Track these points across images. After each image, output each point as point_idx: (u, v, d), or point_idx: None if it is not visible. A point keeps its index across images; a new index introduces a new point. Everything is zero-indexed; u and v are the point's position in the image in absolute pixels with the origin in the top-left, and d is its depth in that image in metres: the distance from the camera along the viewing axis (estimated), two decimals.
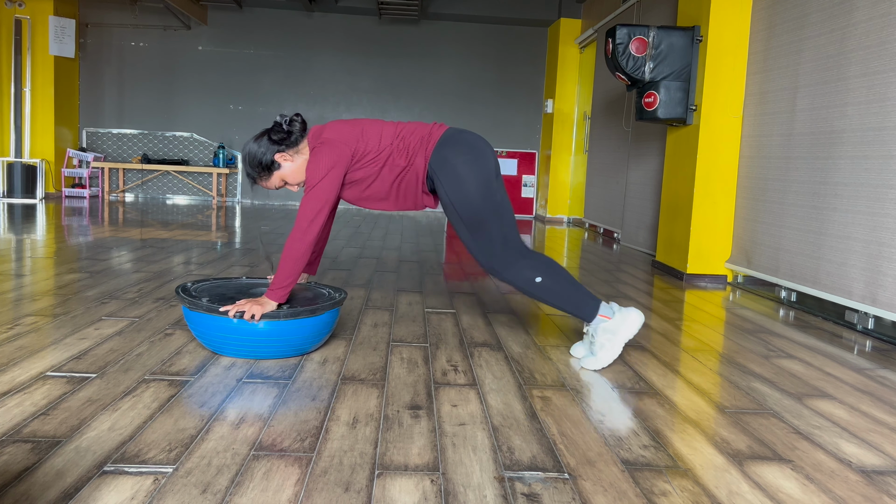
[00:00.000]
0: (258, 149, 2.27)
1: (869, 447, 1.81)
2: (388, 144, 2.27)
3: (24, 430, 1.64)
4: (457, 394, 2.06)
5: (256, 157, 2.27)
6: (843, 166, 3.41)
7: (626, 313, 2.35)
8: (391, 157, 2.27)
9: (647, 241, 5.91)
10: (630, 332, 2.34)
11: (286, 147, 2.28)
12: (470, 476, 1.52)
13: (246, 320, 2.18)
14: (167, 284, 3.48)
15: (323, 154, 2.21)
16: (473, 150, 2.26)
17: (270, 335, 2.22)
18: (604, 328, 2.33)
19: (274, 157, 2.26)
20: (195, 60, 9.22)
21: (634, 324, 2.34)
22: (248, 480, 1.45)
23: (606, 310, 2.35)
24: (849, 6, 3.43)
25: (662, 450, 1.72)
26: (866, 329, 3.23)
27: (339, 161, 2.21)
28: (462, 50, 9.47)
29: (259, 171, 2.29)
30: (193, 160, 9.37)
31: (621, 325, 2.33)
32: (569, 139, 8.84)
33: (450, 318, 3.05)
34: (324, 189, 2.19)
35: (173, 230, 5.86)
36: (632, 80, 4.48)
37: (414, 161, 2.27)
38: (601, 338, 2.33)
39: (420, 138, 2.29)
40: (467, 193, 2.23)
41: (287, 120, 2.28)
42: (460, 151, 2.25)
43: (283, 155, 2.28)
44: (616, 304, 2.39)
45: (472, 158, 2.25)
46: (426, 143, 2.27)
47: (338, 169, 2.20)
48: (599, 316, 2.33)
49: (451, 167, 2.23)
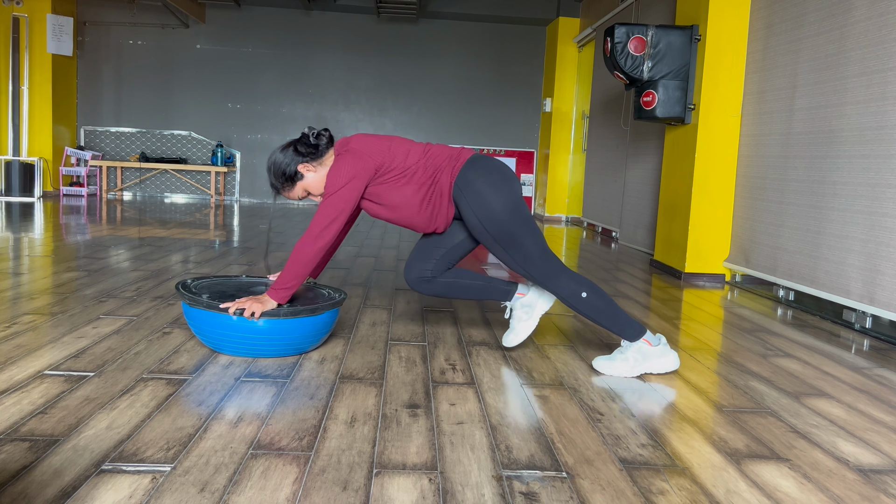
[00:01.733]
0: (283, 159, 2.27)
1: (866, 446, 1.81)
2: (414, 162, 2.26)
3: (22, 429, 1.64)
4: (455, 393, 2.06)
5: (280, 167, 2.27)
6: (842, 165, 3.41)
7: (667, 350, 2.35)
8: (416, 175, 2.25)
9: (645, 240, 5.91)
10: (660, 368, 2.33)
11: (311, 159, 2.28)
12: (468, 475, 1.52)
13: (246, 318, 2.18)
14: (165, 283, 3.47)
15: (346, 163, 2.21)
16: (500, 172, 2.27)
17: (270, 333, 2.22)
18: (639, 348, 2.32)
19: (297, 168, 2.26)
20: (193, 59, 9.21)
21: (668, 364, 2.34)
22: (246, 479, 1.45)
23: (652, 338, 2.35)
24: (847, 5, 3.43)
25: (660, 449, 1.72)
26: (864, 328, 3.23)
27: (362, 172, 2.20)
28: (460, 48, 9.47)
29: (283, 181, 2.29)
30: (191, 159, 9.36)
31: (657, 357, 2.32)
32: (567, 138, 8.84)
33: (448, 317, 3.05)
34: (342, 198, 2.18)
35: (171, 229, 5.86)
36: (630, 79, 4.49)
37: (439, 179, 2.26)
38: (630, 353, 2.32)
39: (447, 158, 2.29)
40: (493, 209, 2.22)
41: (315, 133, 2.28)
42: (486, 172, 2.25)
43: (307, 166, 2.27)
44: (664, 339, 2.39)
45: (499, 179, 2.25)
46: (453, 163, 2.28)
47: (358, 180, 2.20)
48: (643, 340, 2.32)
49: (478, 186, 2.23)
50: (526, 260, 2.26)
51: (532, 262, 2.27)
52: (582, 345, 2.69)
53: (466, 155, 2.30)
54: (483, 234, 2.27)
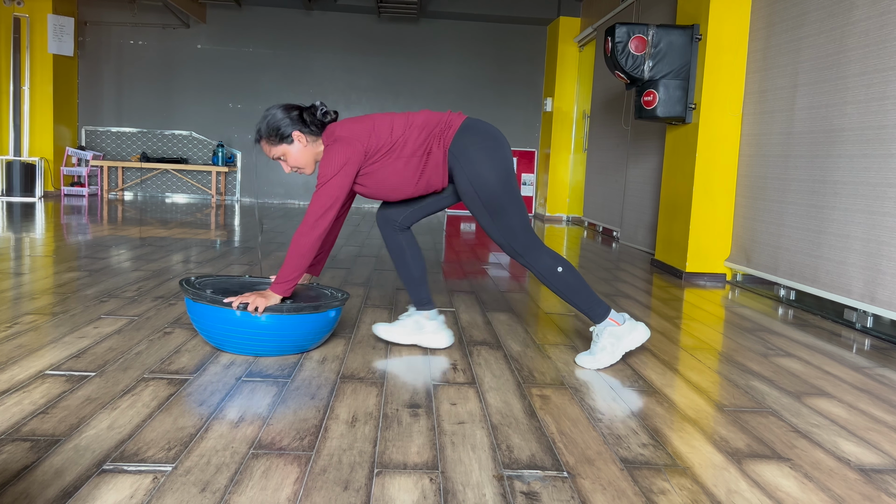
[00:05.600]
0: (283, 117, 2.28)
1: (867, 445, 1.81)
2: (400, 134, 2.27)
3: (23, 429, 1.64)
4: (456, 392, 2.06)
5: (278, 123, 2.27)
6: (843, 165, 3.41)
7: (634, 325, 2.40)
8: (406, 147, 2.27)
9: (646, 240, 5.91)
10: (633, 343, 2.38)
11: (309, 132, 2.30)
12: (469, 474, 1.52)
13: (249, 313, 2.18)
14: (166, 283, 3.47)
15: (336, 151, 2.22)
16: (495, 139, 2.27)
17: (273, 330, 2.22)
18: (611, 331, 2.37)
19: (293, 132, 2.28)
20: (194, 59, 9.21)
21: (640, 337, 2.39)
22: (247, 479, 1.45)
23: (617, 316, 2.40)
24: (848, 5, 3.42)
25: (661, 448, 1.72)
26: (865, 327, 3.23)
27: (352, 158, 2.22)
28: (461, 48, 9.47)
29: (272, 136, 2.29)
30: (192, 158, 9.36)
31: (628, 334, 2.38)
32: (568, 138, 8.84)
33: (449, 317, 3.05)
34: (335, 185, 2.20)
35: (172, 228, 5.86)
36: (631, 78, 4.48)
37: (431, 147, 2.26)
38: (605, 340, 2.37)
39: (437, 124, 2.28)
40: (488, 178, 2.23)
41: (324, 111, 2.30)
42: (481, 139, 2.25)
43: (302, 136, 2.29)
44: (627, 315, 2.45)
45: (494, 146, 2.26)
46: (444, 130, 2.27)
47: (350, 166, 2.21)
48: (609, 319, 2.37)
49: (473, 153, 2.24)
50: (510, 230, 2.28)
51: (514, 234, 2.29)
52: (583, 344, 2.68)
53: (458, 120, 2.29)
54: (473, 200, 2.27)
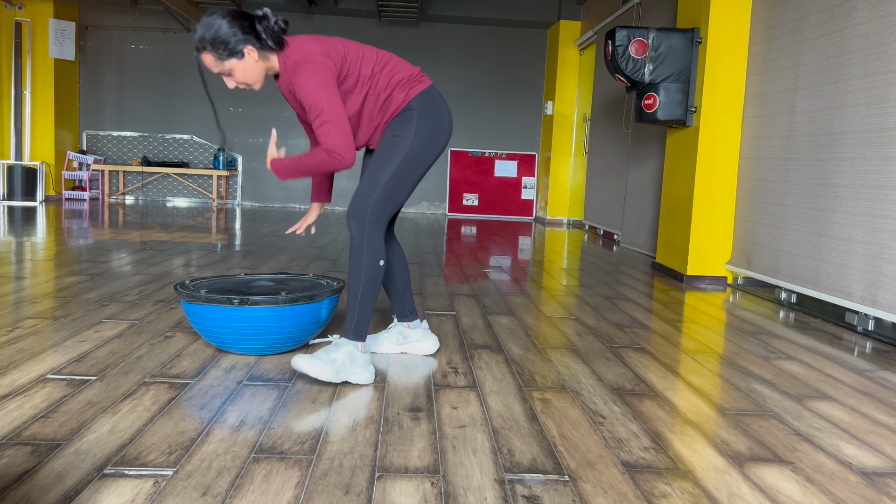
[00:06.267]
0: (232, 29, 2.02)
1: (869, 449, 1.81)
2: (369, 72, 2.14)
3: (24, 433, 1.64)
4: (457, 396, 2.06)
5: (226, 36, 2.02)
6: (843, 168, 3.41)
7: (369, 364, 2.17)
8: (373, 87, 2.15)
9: (647, 243, 5.91)
10: (359, 379, 2.12)
11: (262, 46, 2.07)
12: (470, 478, 1.52)
13: (247, 307, 2.20)
14: (167, 287, 3.48)
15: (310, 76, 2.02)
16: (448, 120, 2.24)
17: (270, 321, 2.23)
18: (351, 352, 2.12)
19: (244, 48, 2.04)
20: (195, 63, 9.22)
21: (364, 378, 2.13)
22: (248, 483, 1.45)
23: (371, 345, 2.25)
24: (848, 8, 3.43)
25: (663, 452, 1.72)
26: (866, 330, 3.23)
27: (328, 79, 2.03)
28: (462, 52, 9.48)
29: (220, 51, 2.04)
30: (193, 162, 9.37)
31: (361, 368, 2.13)
32: (568, 141, 8.84)
33: (450, 320, 3.05)
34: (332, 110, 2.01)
35: (173, 232, 5.86)
36: (631, 81, 4.49)
37: (393, 94, 2.17)
38: (341, 355, 2.11)
39: (408, 76, 2.19)
40: (424, 151, 2.17)
41: (279, 20, 2.07)
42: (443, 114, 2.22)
43: (253, 50, 2.05)
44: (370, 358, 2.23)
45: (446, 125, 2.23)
46: (412, 84, 2.18)
47: (331, 86, 2.04)
48: (359, 343, 2.16)
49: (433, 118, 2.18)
50: (371, 192, 2.13)
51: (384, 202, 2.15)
52: (584, 348, 2.68)
53: (425, 82, 2.21)
54: (393, 157, 2.15)
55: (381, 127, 2.21)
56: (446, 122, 2.24)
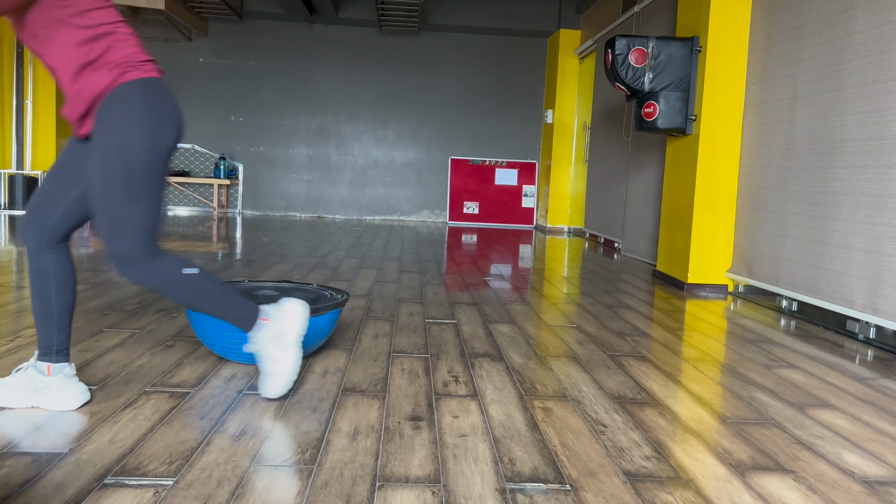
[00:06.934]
0: None
1: (871, 457, 1.80)
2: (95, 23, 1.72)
3: (24, 443, 1.64)
4: (458, 405, 2.06)
5: None
6: (843, 175, 3.41)
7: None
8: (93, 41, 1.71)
9: (647, 251, 5.91)
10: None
11: None
12: (471, 488, 1.51)
13: None
14: None
15: None
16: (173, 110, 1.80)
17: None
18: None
19: None
20: (196, 72, 9.26)
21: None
22: (248, 493, 1.44)
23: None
24: (847, 16, 3.44)
25: (664, 461, 1.71)
26: (867, 338, 3.22)
27: None
28: (462, 60, 9.51)
29: None
30: (194, 171, 9.39)
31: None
32: (569, 149, 8.86)
33: (451, 329, 3.05)
34: None
35: (174, 241, 5.87)
36: (631, 90, 4.50)
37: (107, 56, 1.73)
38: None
39: (130, 54, 1.76)
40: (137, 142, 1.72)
41: None
42: (164, 101, 1.78)
43: None
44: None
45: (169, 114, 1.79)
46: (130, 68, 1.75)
47: None
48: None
49: (141, 104, 1.73)
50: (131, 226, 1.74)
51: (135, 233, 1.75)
52: (585, 356, 2.68)
53: (154, 69, 1.80)
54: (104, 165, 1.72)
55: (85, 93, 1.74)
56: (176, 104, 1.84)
